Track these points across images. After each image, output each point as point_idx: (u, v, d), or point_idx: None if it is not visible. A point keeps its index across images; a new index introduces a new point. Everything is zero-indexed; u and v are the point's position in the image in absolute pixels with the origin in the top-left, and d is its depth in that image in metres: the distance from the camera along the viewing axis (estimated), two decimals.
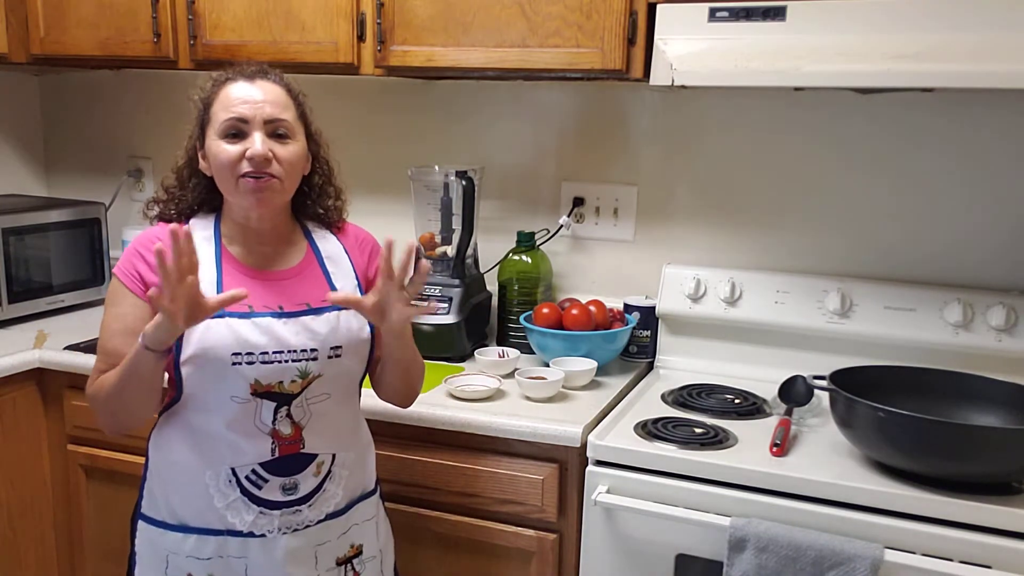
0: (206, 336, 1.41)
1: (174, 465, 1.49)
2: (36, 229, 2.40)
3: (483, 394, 1.86)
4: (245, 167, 1.42)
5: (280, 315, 1.46)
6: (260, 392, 1.43)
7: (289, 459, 1.47)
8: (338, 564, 1.56)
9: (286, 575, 1.49)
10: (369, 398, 1.68)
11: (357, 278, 1.57)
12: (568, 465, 1.73)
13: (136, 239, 1.52)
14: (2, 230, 2.30)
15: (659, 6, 1.79)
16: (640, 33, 1.83)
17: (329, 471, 1.52)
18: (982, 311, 1.89)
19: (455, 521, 1.82)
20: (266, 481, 1.46)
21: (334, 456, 1.52)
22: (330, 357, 1.48)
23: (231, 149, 1.42)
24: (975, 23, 1.59)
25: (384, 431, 1.81)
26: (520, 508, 1.76)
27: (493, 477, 1.77)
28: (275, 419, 1.45)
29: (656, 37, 1.79)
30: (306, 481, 1.49)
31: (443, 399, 1.85)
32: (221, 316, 1.42)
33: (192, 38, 2.18)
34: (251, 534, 1.47)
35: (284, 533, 1.48)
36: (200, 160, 1.50)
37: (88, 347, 2.12)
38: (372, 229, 1.69)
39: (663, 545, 1.63)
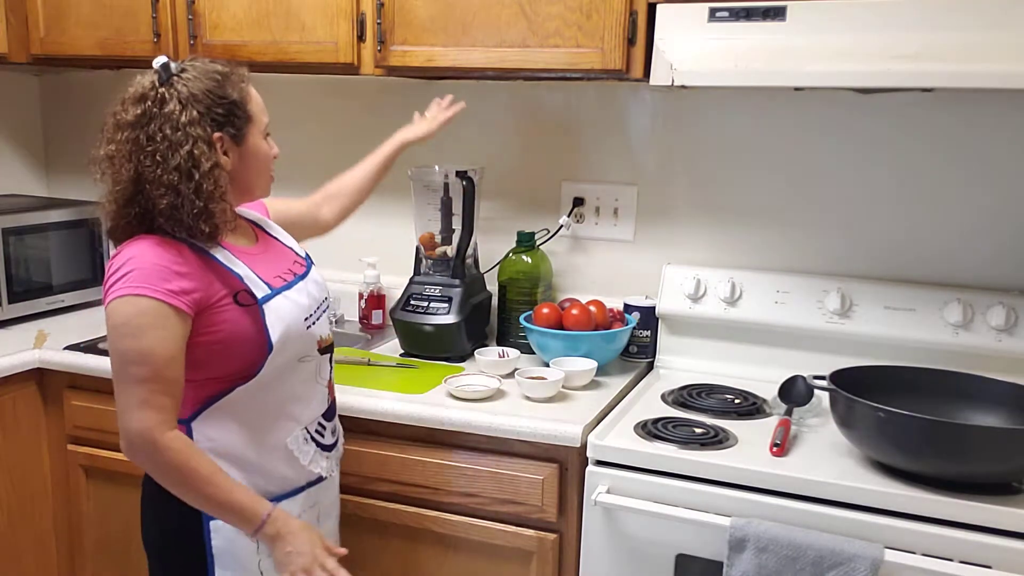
0: (281, 314, 1.48)
1: (237, 461, 1.49)
2: (36, 229, 2.40)
3: (483, 394, 1.85)
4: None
5: (299, 277, 1.58)
6: (323, 348, 1.58)
7: (333, 404, 1.65)
8: None
9: (336, 508, 1.70)
10: (369, 398, 1.68)
11: None
12: (568, 465, 1.73)
13: (147, 259, 1.39)
14: (2, 230, 2.30)
15: (659, 6, 1.79)
16: (640, 33, 1.83)
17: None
18: (982, 311, 1.89)
19: (455, 521, 1.82)
20: (325, 428, 1.61)
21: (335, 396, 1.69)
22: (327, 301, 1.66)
23: (271, 147, 1.56)
24: (975, 23, 1.59)
25: (384, 431, 1.81)
26: (520, 508, 1.76)
27: (493, 477, 1.77)
28: (330, 369, 1.62)
29: (656, 37, 1.79)
30: (336, 421, 1.67)
31: (443, 399, 1.85)
32: (277, 294, 1.50)
33: (192, 38, 2.18)
34: (320, 479, 1.60)
35: (334, 470, 1.66)
36: (220, 156, 1.44)
37: (88, 347, 2.12)
38: (372, 229, 1.69)
39: (663, 545, 1.63)
